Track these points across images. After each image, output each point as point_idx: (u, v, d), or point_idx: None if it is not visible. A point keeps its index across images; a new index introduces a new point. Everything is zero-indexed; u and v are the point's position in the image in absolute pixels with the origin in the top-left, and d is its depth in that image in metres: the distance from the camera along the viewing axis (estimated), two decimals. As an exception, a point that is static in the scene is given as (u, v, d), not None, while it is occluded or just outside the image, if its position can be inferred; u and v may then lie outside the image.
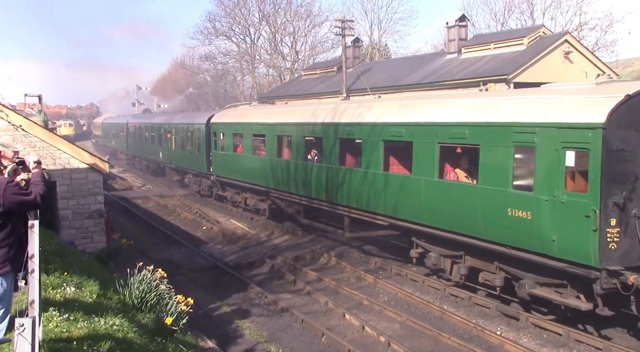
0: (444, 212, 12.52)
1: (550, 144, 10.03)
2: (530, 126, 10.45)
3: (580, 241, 9.49)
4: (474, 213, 11.66)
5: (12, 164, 5.99)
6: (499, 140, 11.11)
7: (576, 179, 9.84)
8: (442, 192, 12.62)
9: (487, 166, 11.40)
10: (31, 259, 4.86)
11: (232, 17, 58.69)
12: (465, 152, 12.68)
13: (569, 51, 26.78)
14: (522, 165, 10.82)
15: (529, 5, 48.57)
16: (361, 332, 11.45)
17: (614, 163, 9.28)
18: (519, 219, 10.54)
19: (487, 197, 11.31)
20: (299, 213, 19.13)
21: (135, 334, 7.06)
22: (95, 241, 14.70)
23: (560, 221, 9.81)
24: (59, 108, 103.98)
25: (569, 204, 9.70)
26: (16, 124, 13.67)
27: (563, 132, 9.82)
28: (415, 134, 13.31)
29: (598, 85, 10.72)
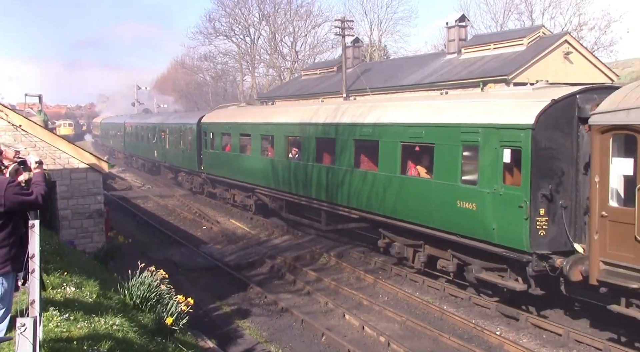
0: (405, 205, 13.65)
1: (491, 143, 11.22)
2: (475, 127, 11.65)
3: (515, 229, 10.64)
4: (430, 206, 12.85)
5: (14, 164, 5.99)
6: (450, 139, 12.31)
7: (512, 174, 11.12)
8: (404, 187, 13.74)
9: (440, 163, 12.61)
10: (32, 258, 4.87)
11: (232, 17, 58.76)
12: (423, 150, 13.75)
13: (569, 51, 26.81)
14: (468, 162, 12.03)
15: (527, 5, 48.64)
16: (361, 332, 11.46)
17: (542, 160, 10.44)
18: (466, 210, 11.74)
19: (440, 191, 12.54)
20: (281, 208, 20.19)
21: (135, 334, 7.06)
22: (95, 240, 14.69)
23: (499, 211, 11.00)
24: (58, 108, 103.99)
25: (505, 196, 10.89)
26: (16, 124, 13.67)
27: (501, 132, 11.03)
28: (380, 134, 14.53)
29: (534, 90, 11.88)
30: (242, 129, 22.33)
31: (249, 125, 21.83)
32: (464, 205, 11.82)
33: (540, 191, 10.39)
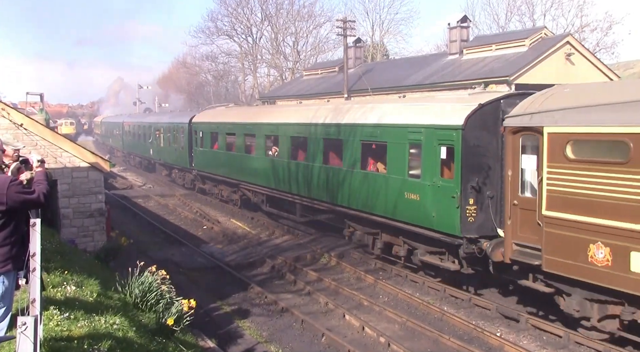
0: (365, 197, 15.15)
1: (431, 141, 12.83)
2: (419, 127, 13.31)
3: (449, 216, 12.24)
4: (384, 197, 14.40)
5: (16, 162, 6.00)
6: (399, 138, 13.95)
7: (446, 168, 12.64)
8: (364, 181, 15.29)
9: (392, 159, 14.24)
10: (32, 257, 4.87)
11: (235, 17, 58.77)
12: (379, 148, 15.17)
13: (571, 53, 26.80)
14: (414, 158, 13.59)
15: (528, 7, 48.62)
16: (361, 333, 11.46)
17: (471, 156, 11.98)
18: (412, 201, 13.40)
19: (392, 184, 14.13)
20: (262, 202, 21.79)
21: (136, 334, 7.07)
22: (96, 239, 14.71)
23: (437, 201, 12.60)
24: (60, 107, 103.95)
25: (442, 187, 12.50)
26: (17, 123, 13.69)
27: (438, 132, 12.64)
28: (344, 133, 16.09)
29: (470, 95, 13.85)
30: (228, 128, 23.85)
31: (234, 125, 23.43)
32: (410, 196, 13.50)
33: (469, 183, 11.92)
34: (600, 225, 9.35)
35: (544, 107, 10.70)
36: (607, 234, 9.26)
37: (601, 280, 9.45)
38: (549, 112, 10.45)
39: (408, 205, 13.47)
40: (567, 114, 10.15)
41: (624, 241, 9.01)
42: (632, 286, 8.95)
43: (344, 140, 16.11)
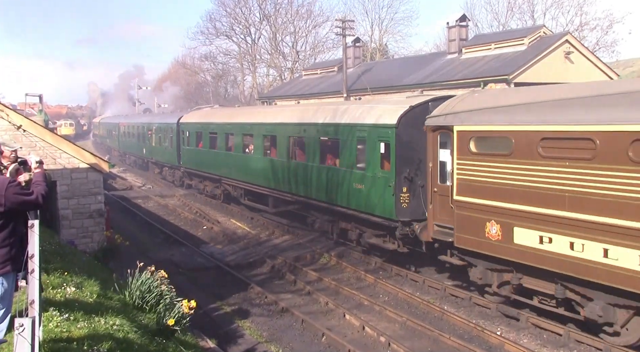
0: (324, 189, 16.98)
1: (373, 138, 14.74)
2: (364, 126, 15.16)
3: (387, 203, 14.13)
4: (338, 188, 16.19)
5: (14, 164, 5.98)
6: (349, 135, 15.82)
7: (385, 161, 14.51)
8: (322, 174, 17.11)
9: (344, 154, 16.14)
10: (31, 258, 4.86)
11: (233, 17, 58.75)
12: (334, 144, 16.98)
13: (570, 51, 26.77)
14: (360, 153, 15.50)
15: (529, 5, 48.60)
16: (361, 333, 11.45)
17: (403, 151, 13.90)
18: (359, 190, 15.28)
19: (344, 176, 16.02)
20: (241, 196, 23.63)
21: (136, 334, 7.06)
22: (95, 240, 14.69)
23: (378, 190, 14.47)
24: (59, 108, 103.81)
25: (381, 178, 14.42)
26: (17, 124, 13.67)
27: (379, 130, 14.54)
28: (305, 131, 17.86)
29: (407, 98, 15.79)
30: (210, 128, 25.77)
31: (216, 125, 25.32)
32: (357, 186, 15.40)
33: (403, 174, 13.85)
34: (493, 206, 11.19)
35: (455, 109, 12.47)
36: (498, 213, 11.11)
37: (495, 251, 11.25)
38: (458, 114, 12.23)
39: (356, 194, 15.46)
40: (470, 115, 11.91)
41: (509, 219, 10.86)
42: (515, 255, 10.83)
43: (306, 138, 17.92)
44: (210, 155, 25.55)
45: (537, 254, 10.37)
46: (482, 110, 11.79)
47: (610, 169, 9.18)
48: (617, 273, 9.12)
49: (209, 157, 25.79)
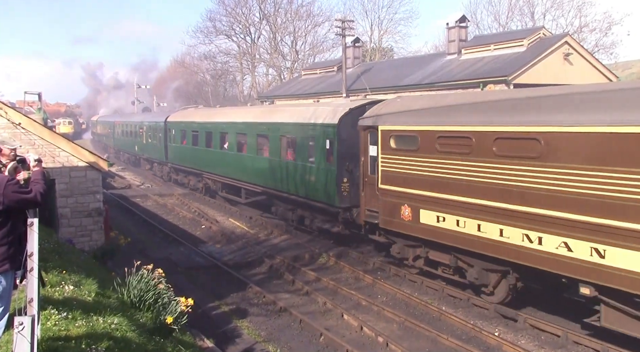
0: (285, 180, 19.02)
1: (321, 135, 16.98)
2: (315, 125, 17.30)
3: (331, 192, 16.45)
4: (295, 180, 18.27)
5: (13, 162, 5.98)
6: (303, 133, 17.83)
7: (330, 156, 16.67)
8: (282, 168, 19.19)
9: (300, 150, 18.23)
10: (30, 257, 4.86)
11: (233, 16, 58.73)
12: (292, 141, 18.86)
13: (569, 53, 26.80)
14: (311, 149, 17.52)
15: (529, 7, 48.66)
16: (359, 333, 11.46)
17: (343, 147, 16.14)
18: (311, 181, 17.47)
19: (299, 169, 18.09)
20: (219, 189, 25.71)
21: (134, 333, 7.05)
22: (94, 239, 14.68)
23: (324, 180, 16.73)
24: (58, 106, 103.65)
25: (327, 170, 16.68)
26: (15, 122, 13.65)
27: (325, 128, 16.81)
28: (270, 130, 20.07)
29: (351, 101, 18.80)
30: (193, 126, 27.93)
31: (197, 124, 27.50)
32: (310, 178, 17.45)
33: (343, 167, 16.12)
34: (406, 192, 13.46)
35: (381, 112, 14.64)
36: (409, 198, 13.33)
37: (407, 230, 13.50)
38: (382, 116, 14.40)
39: (309, 185, 17.59)
40: (391, 117, 14.09)
41: (417, 203, 13.12)
42: (421, 232, 13.07)
43: (270, 136, 20.11)
44: (193, 151, 27.78)
45: (436, 231, 12.58)
46: (400, 113, 13.96)
47: (482, 161, 11.34)
48: (487, 243, 11.28)
49: (191, 154, 28.06)
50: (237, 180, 23.03)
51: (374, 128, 14.55)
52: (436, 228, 12.53)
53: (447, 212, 12.21)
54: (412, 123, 13.27)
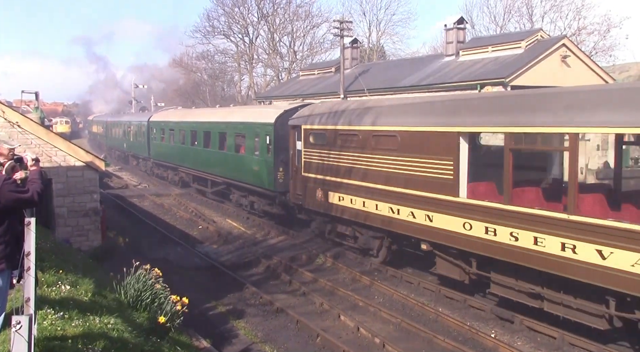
0: (238, 171, 22.70)
1: (262, 133, 20.56)
2: (258, 124, 21.06)
3: (270, 179, 19.90)
4: (245, 170, 22.00)
5: (10, 161, 5.97)
6: (250, 131, 21.71)
7: (270, 149, 20.02)
8: (237, 161, 22.97)
9: (248, 145, 22.00)
10: (27, 256, 4.85)
11: (231, 16, 58.67)
12: (242, 137, 22.74)
13: (566, 55, 26.84)
14: (257, 144, 21.09)
15: (528, 9, 48.74)
16: (356, 334, 11.45)
17: (279, 142, 19.47)
18: (256, 171, 21.04)
19: (248, 161, 21.82)
20: (191, 181, 29.26)
21: (130, 334, 7.05)
22: (91, 239, 14.67)
23: (266, 170, 20.17)
24: (55, 105, 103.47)
25: (267, 162, 20.11)
26: (12, 121, 13.63)
27: (265, 127, 20.40)
28: (228, 128, 23.89)
29: (289, 104, 22.81)
30: (170, 126, 31.76)
31: (173, 123, 31.41)
32: (255, 168, 21.02)
33: (279, 158, 19.41)
34: (319, 178, 16.75)
35: (304, 114, 18.00)
36: (322, 183, 16.62)
37: (321, 209, 16.88)
38: (304, 117, 17.85)
39: (255, 174, 21.14)
40: (310, 118, 17.47)
41: (327, 186, 16.40)
42: (330, 209, 16.38)
43: (227, 133, 23.82)
44: (170, 148, 31.72)
45: (339, 209, 15.95)
46: (316, 115, 17.24)
47: (365, 153, 14.70)
48: (369, 216, 14.62)
49: (169, 150, 31.92)
50: (204, 172, 26.70)
51: (298, 127, 17.89)
52: (339, 206, 15.93)
53: (345, 193, 15.62)
54: (323, 123, 16.73)
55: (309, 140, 17.24)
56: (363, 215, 14.80)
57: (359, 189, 14.82)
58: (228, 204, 25.16)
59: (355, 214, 15.10)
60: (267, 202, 20.97)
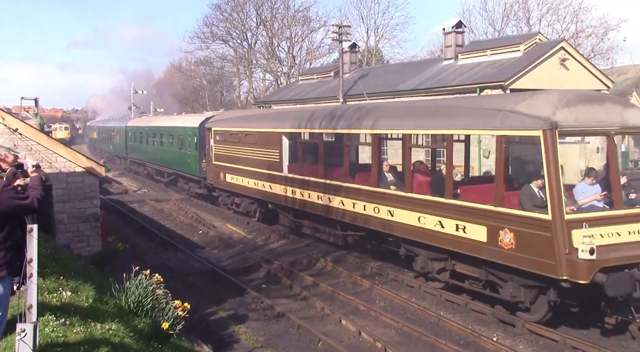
0: (181, 165, 30.16)
1: (192, 134, 27.98)
2: (189, 127, 28.77)
3: (197, 168, 27.09)
4: (185, 163, 29.29)
5: (11, 168, 5.97)
6: (185, 133, 29.36)
7: (196, 146, 27.03)
8: (180, 156, 29.97)
9: (185, 143, 29.33)
10: (29, 263, 4.84)
11: (230, 22, 58.75)
12: (180, 137, 30.29)
13: (565, 58, 26.88)
14: (189, 142, 28.42)
15: (525, 12, 48.82)
16: (357, 338, 11.43)
17: (201, 141, 26.43)
18: (189, 163, 28.27)
19: (184, 155, 29.00)
20: (154, 174, 36.49)
21: (132, 339, 7.03)
22: (91, 244, 14.66)
23: (195, 161, 26.98)
24: (54, 111, 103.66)
25: (194, 155, 27.28)
26: (13, 128, 13.64)
27: (193, 129, 27.87)
28: (174, 130, 31.51)
29: (215, 113, 29.08)
30: (139, 130, 39.60)
31: (141, 127, 39.44)
32: (188, 161, 28.39)
33: (202, 152, 26.15)
34: (222, 165, 23.27)
35: (215, 119, 25.35)
36: (223, 168, 23.20)
37: (223, 186, 23.69)
38: (214, 122, 24.92)
39: (188, 165, 28.61)
40: (216, 123, 24.58)
41: (225, 171, 22.91)
42: (229, 187, 23.07)
43: (173, 134, 31.29)
44: (139, 148, 39.37)
45: (233, 186, 22.52)
46: (219, 121, 24.71)
47: (243, 146, 21.36)
48: (252, 190, 21.03)
49: (139, 149, 39.45)
50: (161, 166, 34.22)
51: (210, 129, 24.65)
52: (232, 184, 22.57)
53: (234, 174, 22.21)
54: (222, 126, 23.68)
55: (216, 139, 23.96)
56: (248, 189, 21.28)
57: (240, 171, 21.59)
58: (224, 208, 25.35)
59: (244, 190, 21.70)
60: (197, 185, 28.25)
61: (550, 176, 10.12)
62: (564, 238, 9.84)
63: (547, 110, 10.50)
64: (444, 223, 12.28)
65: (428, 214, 12.72)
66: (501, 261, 10.98)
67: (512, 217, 10.76)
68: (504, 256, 10.85)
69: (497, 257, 11.03)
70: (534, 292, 11.07)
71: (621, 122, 10.93)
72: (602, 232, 10.10)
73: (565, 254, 9.77)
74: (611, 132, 10.91)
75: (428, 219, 12.71)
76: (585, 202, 11.34)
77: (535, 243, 10.27)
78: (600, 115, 10.83)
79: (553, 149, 10.14)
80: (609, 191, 11.19)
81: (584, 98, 11.12)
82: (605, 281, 9.59)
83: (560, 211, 9.95)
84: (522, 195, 11.06)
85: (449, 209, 12.19)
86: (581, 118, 10.61)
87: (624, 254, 9.99)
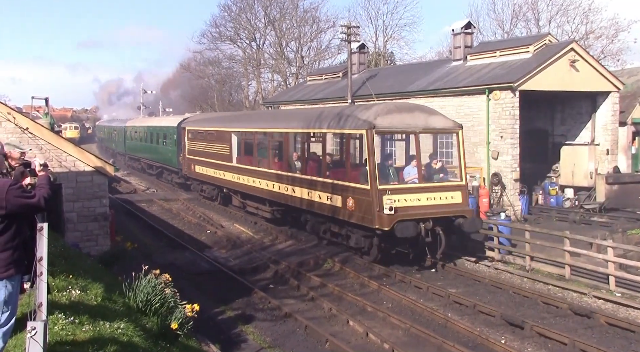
0: (165, 159, 35.74)
1: (173, 132, 33.92)
2: (170, 127, 35.18)
3: (175, 161, 33.33)
4: (168, 157, 34.93)
5: (19, 166, 5.99)
6: (167, 131, 35.44)
7: (176, 143, 32.97)
8: (165, 151, 35.35)
9: (167, 140, 35.15)
10: (39, 261, 4.86)
11: (238, 22, 58.82)
12: (164, 135, 35.54)
13: (575, 59, 26.64)
14: (171, 140, 34.28)
15: (534, 13, 48.57)
16: (365, 339, 11.41)
17: (178, 138, 32.32)
18: (169, 157, 34.78)
19: (168, 151, 34.84)
20: (146, 167, 41.71)
21: (140, 338, 7.05)
22: (100, 243, 14.71)
23: (175, 155, 33.58)
24: (64, 111, 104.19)
25: (174, 150, 33.56)
26: (23, 127, 13.72)
27: (172, 128, 34.23)
28: (160, 129, 36.89)
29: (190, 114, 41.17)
30: (136, 129, 44.47)
31: (137, 127, 44.40)
32: (169, 155, 34.25)
33: (179, 148, 31.46)
34: (194, 158, 28.31)
35: (189, 120, 31.48)
36: (193, 161, 28.41)
37: (195, 176, 28.70)
38: (187, 122, 30.90)
39: (170, 159, 34.04)
40: (189, 123, 30.30)
41: (195, 163, 28.27)
42: (198, 176, 28.27)
43: (159, 133, 36.64)
44: (135, 145, 44.35)
45: (202, 175, 27.47)
46: (192, 121, 30.10)
47: (207, 142, 26.42)
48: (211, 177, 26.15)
49: (135, 147, 44.48)
50: (151, 161, 39.58)
51: (184, 128, 29.82)
52: (200, 174, 27.39)
53: (202, 166, 26.87)
54: (193, 126, 28.74)
55: (188, 136, 28.96)
56: (208, 178, 26.53)
57: (205, 163, 26.45)
58: (233, 208, 25.47)
59: (206, 178, 26.72)
60: (177, 176, 33.40)
61: (370, 161, 15.09)
62: (377, 200, 14.83)
63: (372, 117, 15.57)
64: (321, 196, 17.31)
65: (313, 190, 17.76)
66: (347, 219, 16.15)
67: (352, 188, 15.98)
68: (349, 215, 15.95)
69: (347, 216, 16.09)
70: (368, 240, 15.94)
71: (425, 125, 15.94)
72: (404, 198, 15.17)
73: (377, 211, 14.77)
74: (416, 131, 15.84)
75: (313, 194, 17.75)
76: (410, 179, 15.97)
77: (363, 205, 15.31)
78: (408, 120, 15.88)
79: (371, 142, 15.16)
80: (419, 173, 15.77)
81: (400, 108, 16.51)
82: (395, 226, 14.37)
83: (375, 183, 14.99)
84: (360, 174, 15.85)
85: (324, 186, 17.26)
86: (395, 122, 15.84)
87: (415, 212, 15.04)
